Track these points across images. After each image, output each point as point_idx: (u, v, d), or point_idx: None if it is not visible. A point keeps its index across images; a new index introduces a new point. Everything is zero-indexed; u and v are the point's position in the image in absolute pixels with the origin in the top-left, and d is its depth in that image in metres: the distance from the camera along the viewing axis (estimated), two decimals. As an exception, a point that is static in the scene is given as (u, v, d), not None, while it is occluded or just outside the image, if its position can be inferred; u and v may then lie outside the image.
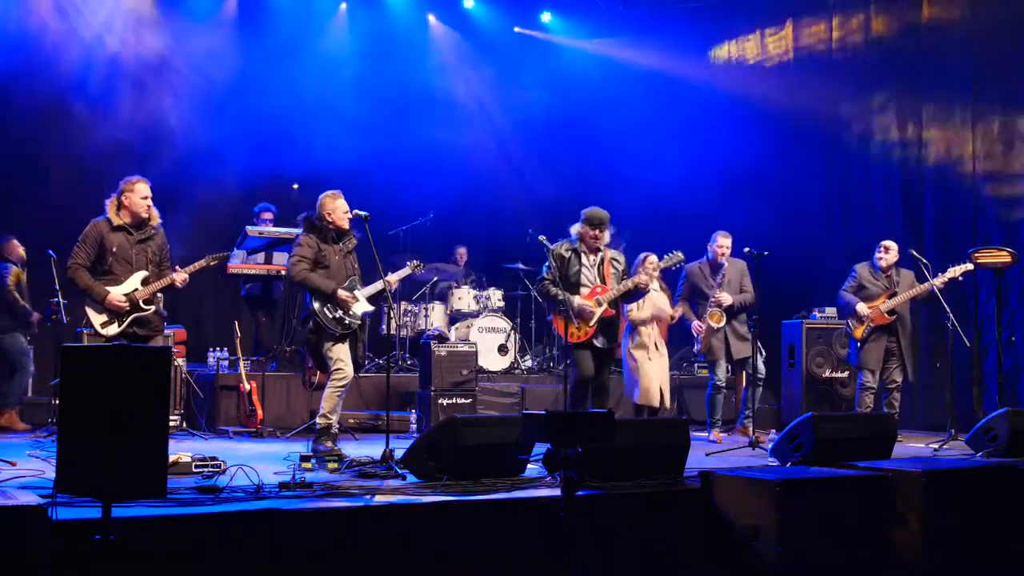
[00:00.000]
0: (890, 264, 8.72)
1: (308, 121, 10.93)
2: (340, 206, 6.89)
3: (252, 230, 9.48)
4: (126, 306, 6.57)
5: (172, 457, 5.27)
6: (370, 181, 10.72)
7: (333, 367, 6.71)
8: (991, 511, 5.56)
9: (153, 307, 6.73)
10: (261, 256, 9.59)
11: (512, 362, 10.32)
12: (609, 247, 7.39)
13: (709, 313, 8.44)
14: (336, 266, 6.87)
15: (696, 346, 8.65)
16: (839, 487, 5.26)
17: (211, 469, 5.43)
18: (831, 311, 9.76)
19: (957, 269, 8.43)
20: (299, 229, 7.05)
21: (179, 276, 6.78)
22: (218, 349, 9.33)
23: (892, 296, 8.59)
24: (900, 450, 7.26)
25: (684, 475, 5.69)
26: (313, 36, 11.55)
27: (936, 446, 7.81)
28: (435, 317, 10.49)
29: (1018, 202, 9.58)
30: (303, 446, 6.71)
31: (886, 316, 8.54)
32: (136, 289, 6.63)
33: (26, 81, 9.89)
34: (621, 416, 7.65)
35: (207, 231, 10.27)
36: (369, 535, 4.62)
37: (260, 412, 8.41)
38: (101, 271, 6.59)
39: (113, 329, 6.56)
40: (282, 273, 9.46)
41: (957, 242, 9.79)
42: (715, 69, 12.17)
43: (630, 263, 7.61)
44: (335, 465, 5.91)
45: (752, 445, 7.37)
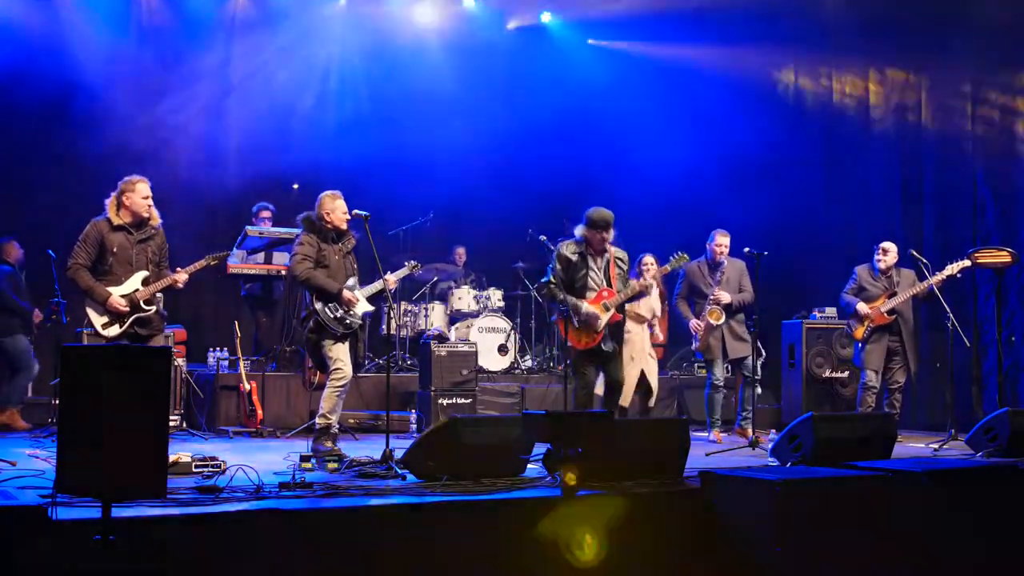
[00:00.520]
0: (889, 265, 8.72)
1: (308, 121, 10.93)
2: (339, 206, 6.88)
3: (252, 230, 9.49)
4: (127, 309, 6.57)
5: (172, 457, 5.27)
6: (370, 181, 10.70)
7: (332, 367, 6.71)
8: (991, 511, 5.55)
9: (154, 307, 6.73)
10: (261, 256, 9.59)
11: (512, 362, 10.32)
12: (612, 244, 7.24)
13: (708, 311, 8.44)
14: (336, 266, 6.86)
15: (694, 343, 8.65)
16: (839, 487, 5.25)
17: (211, 469, 5.43)
18: (831, 311, 9.75)
19: (955, 266, 8.44)
20: (298, 229, 7.05)
21: (179, 276, 6.78)
22: (218, 349, 9.33)
23: (892, 296, 8.59)
24: (900, 450, 7.26)
25: (684, 475, 5.69)
26: (313, 35, 11.53)
27: (936, 446, 7.81)
28: (435, 317, 10.49)
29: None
30: (303, 446, 6.71)
31: (886, 316, 8.55)
32: (137, 290, 6.63)
33: (26, 81, 9.89)
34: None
35: (207, 231, 10.28)
36: (369, 535, 4.62)
37: (260, 412, 8.41)
38: (101, 271, 6.58)
39: (114, 330, 6.56)
40: (282, 273, 9.47)
41: (957, 242, 9.79)
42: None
43: (630, 263, 7.59)
44: (335, 465, 5.91)
45: (752, 445, 7.38)
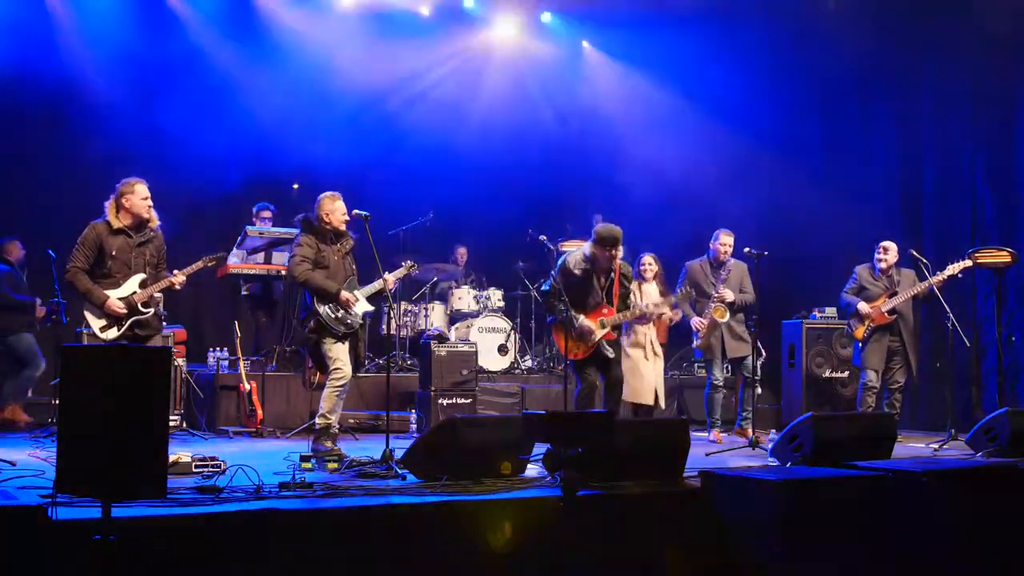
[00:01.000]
0: (890, 265, 8.72)
1: (308, 121, 10.92)
2: (338, 208, 6.88)
3: (252, 230, 9.48)
4: (125, 312, 6.56)
5: (172, 457, 5.27)
6: (370, 181, 10.72)
7: (332, 367, 6.72)
8: (991, 511, 5.55)
9: (151, 310, 6.73)
10: (261, 256, 9.59)
11: (512, 362, 10.32)
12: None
13: (713, 308, 8.42)
14: (335, 267, 6.87)
15: (695, 341, 8.63)
16: (839, 487, 5.25)
17: (211, 469, 5.44)
18: (831, 311, 9.75)
19: (956, 266, 8.44)
20: (298, 229, 7.05)
21: (178, 278, 6.77)
22: (218, 349, 9.33)
23: (892, 296, 8.59)
24: (900, 450, 7.26)
25: (684, 475, 5.69)
26: (312, 35, 11.52)
27: (936, 446, 7.81)
28: (435, 317, 10.48)
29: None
30: (303, 446, 6.72)
31: (886, 315, 8.55)
32: (134, 292, 6.63)
33: (26, 82, 9.88)
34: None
35: (207, 231, 10.27)
36: (369, 535, 4.62)
37: (260, 412, 8.41)
38: (100, 274, 6.57)
39: (112, 333, 6.56)
40: (282, 273, 9.46)
41: (956, 242, 9.78)
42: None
43: (629, 262, 7.59)
44: (335, 465, 5.91)
45: (752, 445, 7.38)
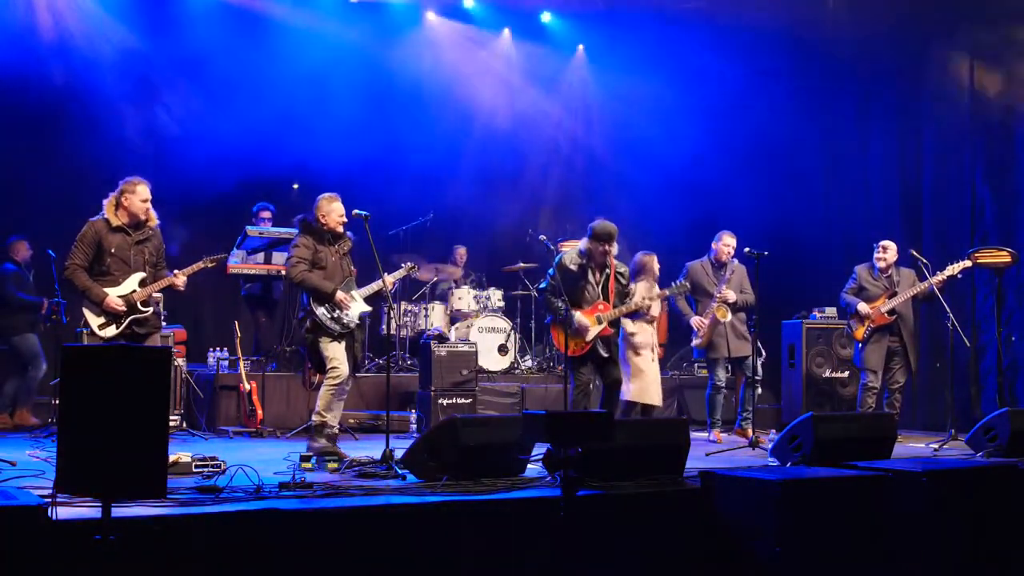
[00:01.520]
0: (889, 264, 8.72)
1: (308, 121, 10.91)
2: (336, 209, 6.89)
3: (252, 230, 9.48)
4: (124, 309, 6.56)
5: (172, 457, 5.27)
6: (370, 181, 10.72)
7: (328, 366, 6.75)
8: (991, 511, 5.55)
9: (151, 308, 6.72)
10: (261, 256, 9.58)
11: (512, 362, 10.31)
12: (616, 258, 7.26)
13: (715, 307, 8.42)
14: (332, 267, 6.89)
15: (694, 339, 8.62)
16: (839, 487, 5.25)
17: (211, 469, 5.43)
18: (831, 311, 9.74)
19: (956, 266, 8.44)
20: (297, 230, 7.06)
21: (179, 279, 6.78)
22: (218, 349, 9.33)
23: (892, 296, 8.59)
24: (900, 450, 7.26)
25: (684, 475, 5.69)
26: (312, 35, 11.53)
27: (936, 446, 7.81)
28: (435, 317, 10.48)
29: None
30: (303, 446, 6.73)
31: (886, 316, 8.54)
32: (134, 291, 6.63)
33: (27, 81, 9.88)
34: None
35: (207, 232, 10.26)
36: (369, 535, 4.62)
37: (260, 412, 8.41)
38: (99, 272, 6.57)
39: (111, 331, 6.56)
40: (282, 273, 9.46)
41: (956, 242, 9.78)
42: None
43: (627, 262, 7.60)
44: (335, 465, 5.91)
45: (752, 445, 7.38)
